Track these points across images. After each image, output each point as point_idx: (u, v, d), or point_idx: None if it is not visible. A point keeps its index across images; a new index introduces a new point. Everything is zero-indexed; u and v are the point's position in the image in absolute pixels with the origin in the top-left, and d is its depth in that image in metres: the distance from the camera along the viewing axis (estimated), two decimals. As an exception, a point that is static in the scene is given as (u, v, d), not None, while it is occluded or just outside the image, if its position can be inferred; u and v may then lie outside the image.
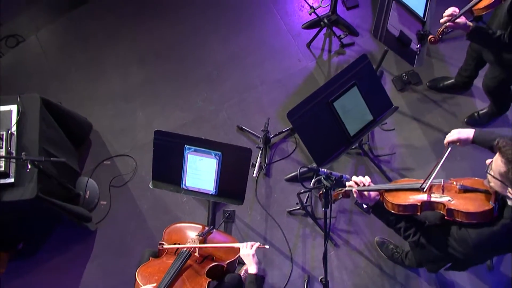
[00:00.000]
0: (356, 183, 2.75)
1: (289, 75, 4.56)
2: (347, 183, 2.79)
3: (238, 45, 4.72)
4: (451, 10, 3.13)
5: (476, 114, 4.30)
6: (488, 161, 2.34)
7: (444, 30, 3.18)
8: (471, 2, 3.12)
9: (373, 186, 2.72)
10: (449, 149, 2.68)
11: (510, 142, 2.19)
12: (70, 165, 3.87)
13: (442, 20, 3.16)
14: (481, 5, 3.09)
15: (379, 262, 3.88)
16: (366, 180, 2.74)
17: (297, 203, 3.93)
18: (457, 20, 3.10)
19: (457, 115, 4.36)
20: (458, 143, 2.74)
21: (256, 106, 4.45)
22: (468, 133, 2.71)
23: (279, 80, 4.55)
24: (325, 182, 2.81)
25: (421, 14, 3.55)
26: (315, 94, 3.15)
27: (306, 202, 3.95)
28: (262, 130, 4.16)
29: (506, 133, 4.12)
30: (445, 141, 2.78)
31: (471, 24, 3.14)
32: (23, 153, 3.15)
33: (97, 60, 4.67)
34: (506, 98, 4.07)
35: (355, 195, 2.73)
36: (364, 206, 3.97)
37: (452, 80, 4.39)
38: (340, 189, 2.86)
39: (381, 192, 2.70)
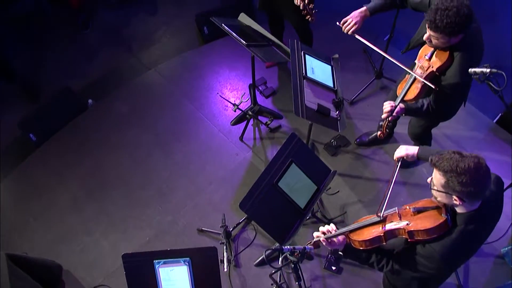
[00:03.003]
0: (323, 232, 2.88)
1: (232, 170, 4.78)
2: (315, 234, 2.92)
3: (178, 156, 4.91)
4: (388, 106, 3.42)
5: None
6: (429, 180, 2.53)
7: (388, 124, 3.47)
8: (401, 95, 3.43)
9: (338, 231, 2.86)
10: (399, 163, 2.93)
11: (442, 155, 2.39)
12: (49, 311, 3.81)
13: (383, 116, 3.44)
14: (410, 96, 3.44)
15: (363, 315, 4.00)
16: (332, 227, 2.89)
17: (272, 284, 3.97)
18: (395, 111, 3.41)
19: (389, 162, 4.70)
20: (405, 157, 2.99)
21: (209, 206, 4.60)
22: (413, 149, 2.96)
23: (223, 177, 4.74)
24: (291, 258, 2.97)
25: (331, 84, 3.91)
26: (260, 181, 3.27)
27: (280, 281, 4.03)
28: (221, 226, 4.29)
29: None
30: (395, 157, 3.02)
31: (404, 106, 3.45)
32: (0, 315, 3.13)
33: (52, 203, 4.72)
34: (429, 138, 4.41)
35: (324, 244, 2.86)
36: (333, 268, 4.19)
37: (376, 133, 4.71)
38: (309, 241, 3.00)
39: (347, 234, 2.84)
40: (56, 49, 5.84)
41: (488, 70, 2.92)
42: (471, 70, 2.99)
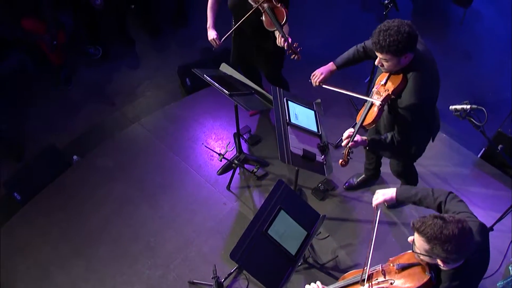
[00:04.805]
0: None
1: (220, 220, 4.74)
2: None
3: (165, 209, 4.86)
4: (347, 132, 3.45)
5: (393, 195, 4.67)
6: (410, 239, 2.50)
7: (349, 151, 3.49)
8: (359, 120, 3.46)
9: None
10: (379, 210, 2.92)
11: (424, 220, 2.34)
12: None
13: (343, 143, 3.46)
14: (368, 120, 3.44)
15: None
16: (318, 284, 2.89)
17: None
18: (355, 139, 3.42)
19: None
20: (384, 203, 3.00)
21: (199, 258, 4.53)
22: (391, 192, 2.97)
23: (212, 227, 4.69)
24: (284, 306, 2.98)
25: (315, 129, 3.93)
26: (249, 229, 3.27)
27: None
28: (212, 278, 4.21)
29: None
30: (373, 204, 3.00)
31: (366, 138, 3.49)
32: None
33: (38, 262, 4.61)
34: (413, 174, 4.43)
35: None
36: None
37: (363, 176, 4.77)
38: None
39: None
40: (39, 106, 5.83)
41: (468, 106, 2.99)
42: (452, 107, 3.05)
